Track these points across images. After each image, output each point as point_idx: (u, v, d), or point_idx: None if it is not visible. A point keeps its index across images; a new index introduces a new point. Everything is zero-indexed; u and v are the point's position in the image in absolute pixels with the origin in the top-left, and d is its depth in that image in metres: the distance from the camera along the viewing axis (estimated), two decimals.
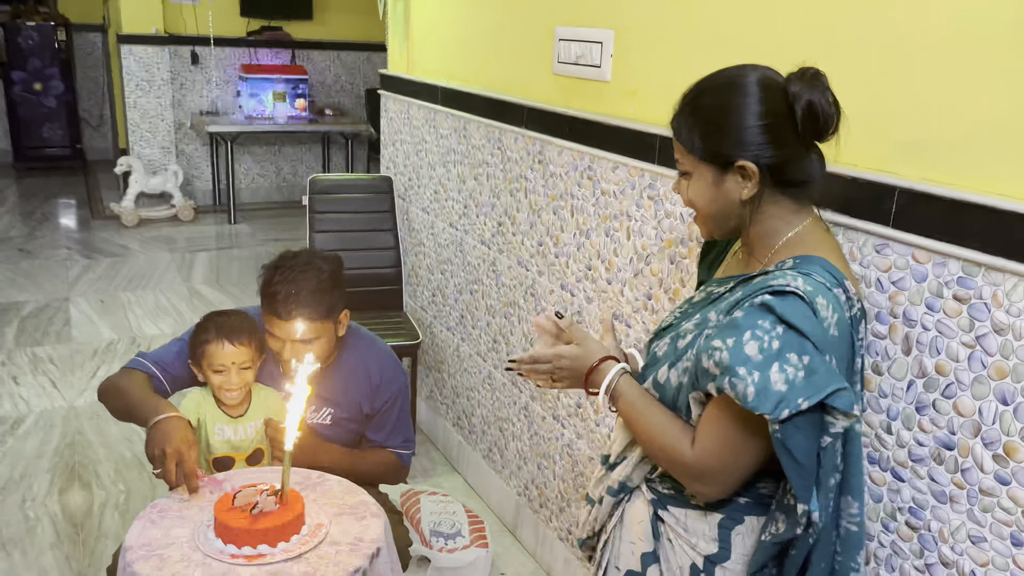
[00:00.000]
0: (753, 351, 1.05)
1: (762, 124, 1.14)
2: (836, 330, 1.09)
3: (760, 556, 1.17)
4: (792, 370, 1.03)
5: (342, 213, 3.27)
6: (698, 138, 1.19)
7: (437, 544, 2.45)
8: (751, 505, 1.21)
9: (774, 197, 1.19)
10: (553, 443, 2.42)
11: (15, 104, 7.56)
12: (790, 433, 1.04)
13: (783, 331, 1.05)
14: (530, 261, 2.45)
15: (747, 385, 1.04)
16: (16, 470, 2.92)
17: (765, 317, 1.06)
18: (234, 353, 1.85)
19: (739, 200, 1.18)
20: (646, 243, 1.95)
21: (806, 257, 1.15)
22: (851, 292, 1.14)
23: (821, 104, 1.12)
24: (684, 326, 1.25)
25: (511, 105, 2.45)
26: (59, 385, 3.59)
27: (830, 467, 1.08)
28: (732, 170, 1.17)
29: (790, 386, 1.02)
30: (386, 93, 3.42)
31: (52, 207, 6.68)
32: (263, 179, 7.18)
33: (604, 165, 2.07)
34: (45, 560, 2.46)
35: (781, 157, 1.16)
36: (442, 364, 3.14)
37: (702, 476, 1.16)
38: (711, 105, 1.18)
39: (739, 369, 1.05)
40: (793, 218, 1.20)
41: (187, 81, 6.70)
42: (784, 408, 1.02)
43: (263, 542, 1.51)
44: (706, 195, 1.21)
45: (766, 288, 1.09)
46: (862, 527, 1.14)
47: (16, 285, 4.79)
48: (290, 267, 1.86)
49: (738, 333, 1.07)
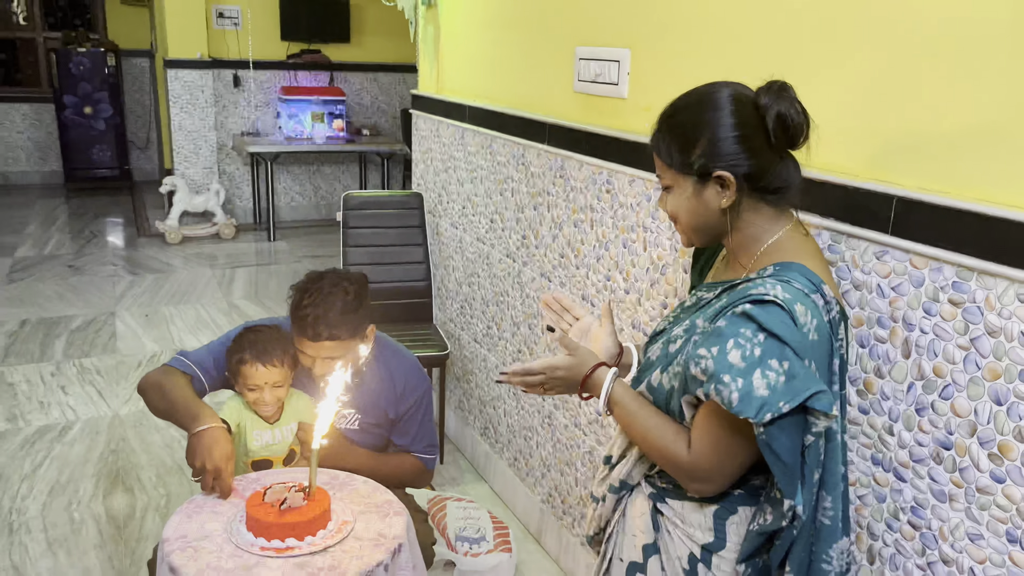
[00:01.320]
0: (736, 359, 1.11)
1: (736, 135, 1.21)
2: (816, 334, 1.14)
3: (748, 546, 1.24)
4: (774, 375, 1.09)
5: (374, 228, 3.37)
6: (676, 152, 1.26)
7: (462, 548, 2.51)
8: (744, 496, 1.28)
9: (753, 204, 1.26)
10: (575, 450, 2.47)
11: (66, 127, 7.87)
12: (774, 434, 1.10)
13: (764, 339, 1.11)
14: (552, 273, 2.52)
15: (731, 391, 1.10)
16: (63, 474, 3.06)
17: (747, 326, 1.13)
18: (267, 374, 1.94)
19: (719, 209, 1.25)
20: (661, 254, 2.01)
21: (785, 264, 1.21)
22: (829, 296, 1.19)
23: (790, 114, 1.19)
24: (675, 331, 1.32)
25: (534, 122, 2.54)
26: (105, 395, 3.74)
27: (814, 463, 1.14)
28: (711, 181, 1.24)
29: (772, 391, 1.08)
30: (417, 112, 3.53)
31: (100, 226, 6.93)
32: (302, 198, 7.36)
33: (621, 179, 2.14)
34: (89, 560, 2.58)
35: (756, 165, 1.22)
36: (470, 375, 3.22)
37: (699, 476, 1.23)
38: (686, 121, 1.25)
39: (724, 376, 1.11)
40: (773, 225, 1.27)
41: (229, 103, 6.92)
42: (767, 412, 1.08)
43: (291, 536, 1.59)
44: (687, 206, 1.28)
45: (747, 298, 1.15)
46: (835, 520, 1.19)
47: (65, 300, 4.99)
48: (317, 290, 1.93)
49: (722, 342, 1.13)
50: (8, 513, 2.79)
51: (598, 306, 2.29)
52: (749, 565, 1.25)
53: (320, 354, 1.93)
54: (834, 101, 1.49)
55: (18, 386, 3.79)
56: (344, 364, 1.93)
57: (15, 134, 8.31)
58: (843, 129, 1.48)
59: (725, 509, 1.27)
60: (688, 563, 1.29)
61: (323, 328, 1.89)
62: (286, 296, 2.00)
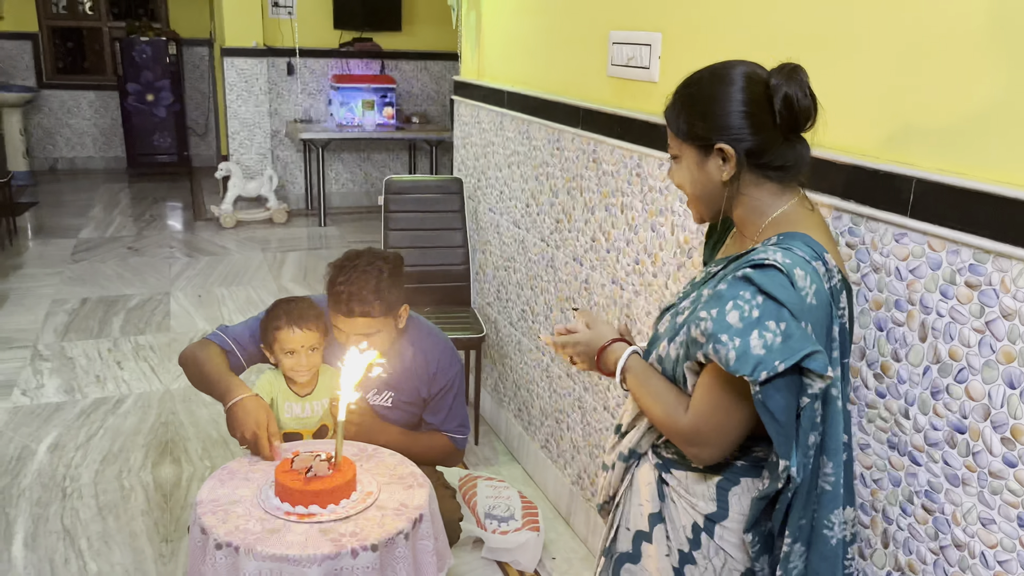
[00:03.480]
0: (735, 319, 1.14)
1: (743, 111, 1.23)
2: (815, 299, 1.16)
3: (752, 513, 1.25)
4: (770, 335, 1.12)
5: (415, 213, 3.43)
6: (683, 122, 1.29)
7: (491, 526, 2.56)
8: (747, 468, 1.29)
9: (756, 180, 1.27)
10: (604, 433, 2.50)
11: (129, 114, 8.14)
12: (769, 394, 1.12)
13: (762, 300, 1.14)
14: (584, 257, 2.54)
15: (728, 350, 1.13)
16: (115, 444, 3.20)
17: (746, 288, 1.16)
18: (303, 337, 2.01)
19: (720, 181, 1.27)
20: (688, 237, 2.01)
21: (789, 234, 1.23)
22: (831, 264, 1.21)
23: (797, 96, 1.20)
24: (682, 304, 1.35)
25: (569, 107, 2.55)
26: (157, 371, 3.89)
27: (808, 426, 1.16)
28: (713, 152, 1.26)
29: (768, 350, 1.11)
30: (459, 98, 3.57)
31: (159, 209, 7.17)
32: (352, 184, 7.49)
33: (651, 162, 2.15)
34: (136, 525, 2.70)
35: (759, 142, 1.23)
36: (505, 358, 3.26)
37: (696, 439, 1.25)
38: (697, 93, 1.28)
39: (722, 336, 1.14)
40: (777, 199, 1.28)
41: (283, 91, 7.07)
42: (762, 370, 1.11)
43: (314, 502, 1.66)
44: (691, 177, 1.31)
45: (748, 262, 1.19)
46: (836, 487, 1.21)
47: (124, 280, 5.19)
48: (353, 267, 1.99)
49: (721, 304, 1.17)
50: (62, 479, 2.94)
51: (627, 290, 2.30)
52: (755, 533, 1.26)
53: (354, 330, 1.99)
54: (855, 82, 1.48)
55: (77, 360, 3.96)
56: (376, 345, 2.00)
57: (82, 121, 8.63)
58: (863, 110, 1.47)
59: (727, 480, 1.29)
60: (692, 532, 1.32)
61: (356, 304, 1.95)
62: (324, 273, 2.07)
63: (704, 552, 1.31)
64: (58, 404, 3.51)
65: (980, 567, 1.30)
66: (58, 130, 8.57)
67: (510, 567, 2.52)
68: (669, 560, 1.35)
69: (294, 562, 1.53)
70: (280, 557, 1.53)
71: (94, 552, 2.55)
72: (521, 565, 2.51)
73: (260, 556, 1.54)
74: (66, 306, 4.68)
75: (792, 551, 1.21)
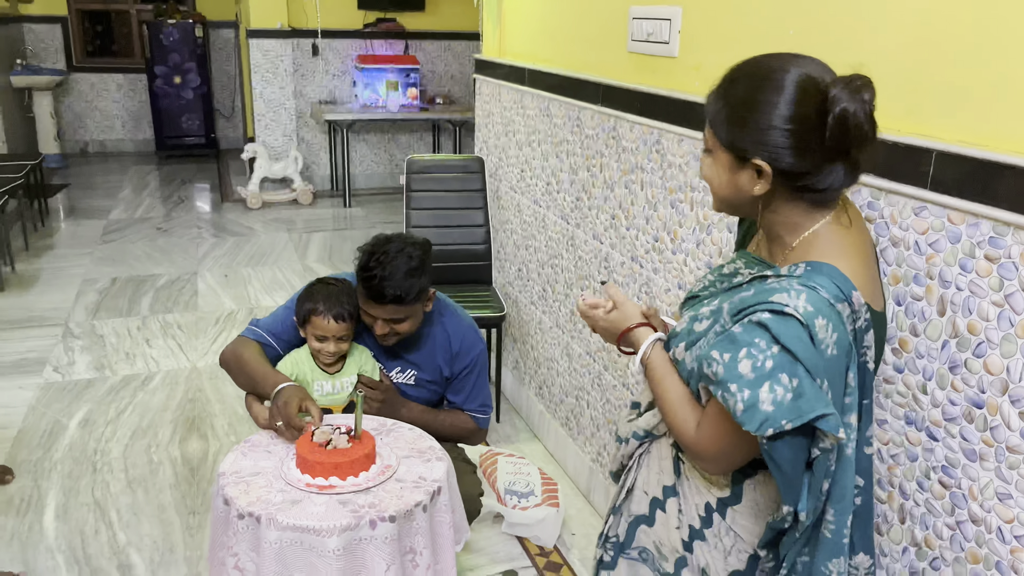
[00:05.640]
0: (746, 369, 1.09)
1: (787, 128, 1.11)
2: (835, 349, 1.09)
3: (767, 535, 1.23)
4: (781, 391, 1.06)
5: (436, 192, 3.44)
6: (722, 123, 1.18)
7: (511, 502, 2.58)
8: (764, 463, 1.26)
9: (789, 196, 1.17)
10: (623, 410, 2.50)
11: (157, 97, 8.23)
12: (776, 447, 1.09)
13: (777, 351, 1.07)
14: (604, 235, 2.54)
15: (736, 401, 1.09)
16: (144, 420, 3.27)
17: (762, 336, 1.09)
18: (336, 329, 2.03)
19: (751, 194, 1.18)
20: (708, 213, 2.00)
21: (816, 265, 1.13)
22: (857, 304, 1.12)
23: (856, 116, 1.07)
24: (702, 309, 1.29)
25: (589, 83, 2.54)
26: (185, 348, 3.96)
27: (822, 474, 1.11)
28: (748, 165, 1.15)
29: (777, 407, 1.06)
30: (480, 77, 3.57)
31: (188, 191, 7.25)
32: (376, 165, 7.52)
33: (671, 138, 2.13)
34: (164, 498, 2.76)
35: (800, 165, 1.12)
36: (526, 336, 3.27)
37: (701, 457, 1.24)
38: (742, 96, 1.15)
39: (731, 385, 1.10)
40: (809, 218, 1.18)
41: (308, 72, 7.10)
42: (768, 427, 1.06)
43: (334, 474, 1.68)
44: (721, 179, 1.22)
45: (767, 305, 1.10)
46: (837, 536, 1.15)
47: (153, 260, 5.27)
48: (384, 252, 1.99)
49: (735, 349, 1.11)
50: (93, 454, 3.01)
51: (646, 268, 2.30)
52: (770, 551, 1.25)
53: (383, 315, 2.00)
54: (875, 53, 1.46)
55: (107, 338, 4.04)
56: (404, 329, 2.02)
57: (111, 104, 8.74)
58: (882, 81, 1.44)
59: (743, 472, 1.28)
60: (704, 511, 1.31)
61: (388, 290, 1.96)
62: (353, 257, 2.08)
63: (715, 531, 1.31)
64: (89, 381, 3.59)
65: (996, 542, 1.29)
66: (88, 113, 8.69)
67: (530, 542, 2.55)
68: (679, 532, 1.35)
69: (314, 532, 1.56)
70: (300, 527, 1.56)
71: (124, 524, 2.61)
72: (541, 540, 2.54)
73: (281, 526, 1.57)
74: (96, 285, 4.76)
75: None
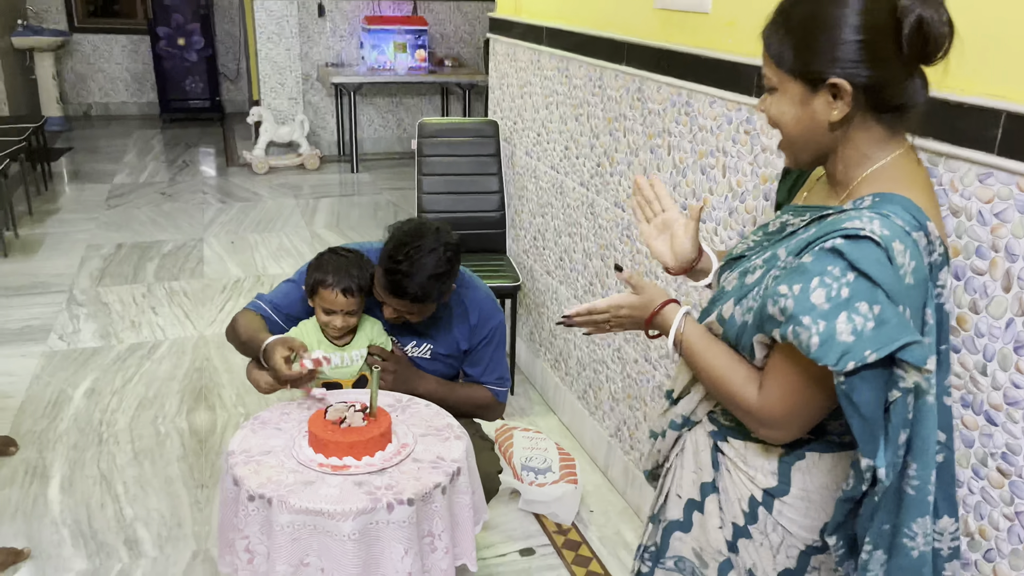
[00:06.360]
0: (820, 299, 0.99)
1: (860, 40, 1.03)
2: (912, 278, 1.00)
3: (837, 514, 1.11)
4: (861, 320, 0.97)
5: (449, 157, 3.33)
6: (788, 50, 1.09)
7: (528, 478, 2.51)
8: (815, 442, 1.17)
9: (866, 123, 1.09)
10: (644, 385, 2.41)
11: (161, 58, 8.07)
12: (856, 385, 0.98)
13: (854, 278, 0.98)
14: (627, 202, 2.43)
15: (811, 335, 0.99)
16: (151, 390, 3.20)
17: (835, 263, 0.99)
18: (344, 303, 1.94)
19: (827, 123, 1.09)
20: (741, 179, 1.89)
21: (886, 195, 1.05)
22: (933, 236, 1.04)
23: (933, 21, 1.01)
24: (753, 260, 1.20)
25: (612, 42, 2.41)
26: (191, 316, 3.88)
27: (900, 422, 1.00)
28: (822, 88, 1.07)
29: (857, 337, 0.96)
30: (494, 36, 3.43)
31: (192, 155, 7.13)
32: (384, 129, 7.37)
33: (701, 100, 2.01)
34: (171, 470, 2.69)
35: (878, 77, 1.04)
36: (542, 307, 3.18)
37: (768, 422, 1.13)
38: (806, 15, 1.07)
39: (804, 318, 0.99)
40: (881, 149, 1.10)
41: (313, 33, 6.93)
42: (849, 360, 0.96)
43: (348, 454, 1.60)
44: (791, 114, 1.12)
45: (838, 231, 1.01)
46: (922, 492, 1.04)
47: (158, 226, 5.17)
48: (416, 247, 1.87)
49: (805, 279, 1.01)
50: (99, 424, 2.94)
51: None
52: (840, 536, 1.13)
53: (399, 307, 1.92)
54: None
55: (112, 306, 3.96)
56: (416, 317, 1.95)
57: (114, 66, 8.58)
58: None
59: (792, 454, 1.18)
60: (748, 505, 1.22)
61: (408, 288, 1.86)
62: (383, 235, 1.97)
63: (761, 527, 1.21)
64: (94, 349, 3.51)
65: None
66: (91, 75, 8.54)
67: (547, 519, 2.48)
68: (722, 532, 1.26)
69: (328, 516, 1.48)
70: (314, 511, 1.48)
71: (130, 497, 2.55)
72: (558, 518, 2.46)
73: (293, 509, 1.49)
74: (101, 251, 4.68)
75: (872, 558, 1.07)
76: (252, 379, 1.93)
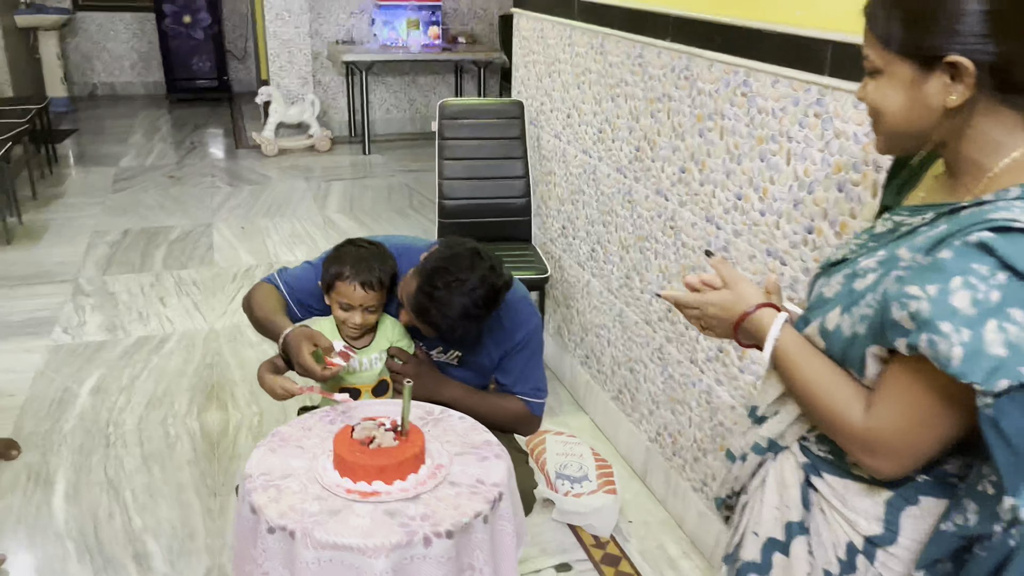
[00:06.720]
0: (964, 303, 0.82)
1: (986, 10, 0.88)
2: None
3: (936, 549, 0.95)
4: (1015, 330, 0.80)
5: (472, 140, 3.14)
6: (897, 25, 0.93)
7: (563, 488, 2.34)
8: (931, 485, 0.99)
9: (992, 106, 0.92)
10: (690, 389, 2.24)
11: (167, 37, 7.87)
12: (1006, 409, 0.81)
13: (1006, 279, 0.82)
14: (671, 190, 2.24)
15: (952, 345, 0.82)
16: (160, 387, 3.04)
17: (982, 260, 0.83)
18: (363, 297, 1.77)
19: (942, 108, 0.93)
20: (809, 168, 1.70)
21: None
22: None
23: None
24: (863, 263, 1.01)
25: (654, 15, 2.22)
26: (201, 307, 3.71)
27: None
28: (938, 68, 0.91)
29: (1012, 350, 0.80)
30: (519, 11, 3.23)
31: (200, 136, 6.95)
32: (397, 110, 7.17)
33: (762, 79, 1.82)
34: (182, 476, 2.54)
35: (1007, 54, 0.89)
36: (571, 300, 3.00)
37: (875, 449, 0.95)
38: None
39: (943, 325, 0.82)
40: (1013, 136, 0.93)
41: (324, 10, 6.71)
42: (1000, 377, 0.80)
43: (379, 479, 1.43)
44: (899, 100, 0.95)
45: (983, 223, 0.85)
46: None
47: (165, 210, 5.00)
48: (459, 281, 1.66)
49: (944, 279, 0.84)
50: (106, 425, 2.79)
51: (725, 229, 2.01)
52: (930, 573, 0.96)
53: (415, 323, 1.75)
54: None
55: (119, 296, 3.80)
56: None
57: (119, 44, 8.39)
58: None
59: (902, 498, 1.00)
60: (846, 553, 1.04)
61: (435, 319, 1.68)
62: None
63: None
64: (100, 343, 3.36)
65: None
66: (96, 54, 8.34)
67: (583, 531, 2.31)
68: None
69: (359, 551, 1.32)
70: (343, 546, 1.32)
71: (139, 506, 2.40)
72: (596, 530, 2.30)
73: (319, 544, 1.32)
74: (107, 238, 4.52)
75: None
76: (267, 386, 1.77)
